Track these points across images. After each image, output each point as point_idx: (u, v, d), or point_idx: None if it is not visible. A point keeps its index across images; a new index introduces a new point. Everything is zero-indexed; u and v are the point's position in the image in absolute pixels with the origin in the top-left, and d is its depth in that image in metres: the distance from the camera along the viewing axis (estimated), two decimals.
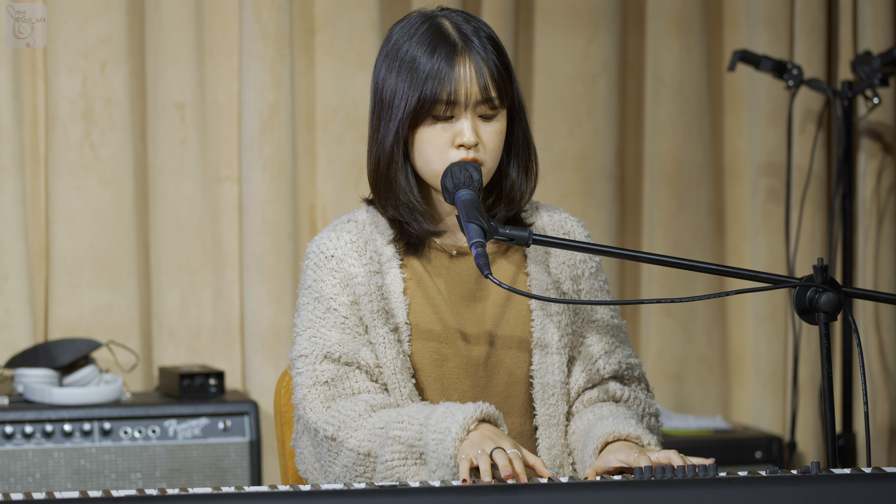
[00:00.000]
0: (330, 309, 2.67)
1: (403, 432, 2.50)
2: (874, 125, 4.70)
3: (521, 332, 2.70)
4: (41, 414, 3.94)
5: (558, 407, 2.69)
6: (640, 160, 4.75)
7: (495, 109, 2.63)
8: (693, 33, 4.68)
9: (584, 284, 2.76)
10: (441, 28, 2.63)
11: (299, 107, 4.39)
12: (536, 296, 2.62)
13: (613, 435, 2.57)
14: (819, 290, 2.51)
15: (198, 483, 3.98)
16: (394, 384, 2.63)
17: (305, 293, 2.70)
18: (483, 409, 2.47)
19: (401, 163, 2.64)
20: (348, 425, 2.58)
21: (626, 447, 2.54)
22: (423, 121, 2.61)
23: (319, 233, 2.74)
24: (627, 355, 2.78)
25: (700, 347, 4.74)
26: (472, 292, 2.70)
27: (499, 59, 2.63)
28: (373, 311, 2.65)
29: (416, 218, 2.67)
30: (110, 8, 4.23)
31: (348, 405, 2.61)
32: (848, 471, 2.32)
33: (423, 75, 2.60)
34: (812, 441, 4.71)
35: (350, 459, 2.56)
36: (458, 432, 2.43)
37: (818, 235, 4.72)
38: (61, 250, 4.25)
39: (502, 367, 2.69)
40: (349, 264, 2.67)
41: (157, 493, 2.15)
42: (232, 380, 4.37)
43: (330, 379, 2.64)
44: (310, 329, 2.68)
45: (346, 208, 4.37)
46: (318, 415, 2.62)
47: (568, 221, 2.80)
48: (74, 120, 4.24)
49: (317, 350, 2.65)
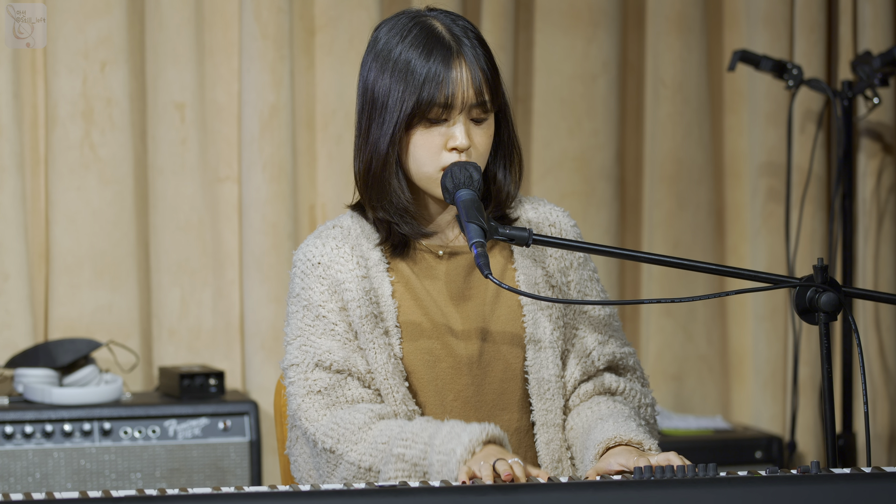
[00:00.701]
0: (319, 316, 2.66)
1: (408, 450, 2.50)
2: (874, 125, 4.70)
3: (512, 327, 2.70)
4: (41, 414, 3.94)
5: (554, 401, 2.69)
6: (640, 160, 4.75)
7: (487, 112, 2.63)
8: (693, 33, 4.68)
9: (572, 275, 2.76)
10: (433, 30, 2.63)
11: (299, 107, 4.39)
12: (534, 295, 2.62)
13: (615, 440, 2.57)
14: (819, 290, 2.51)
15: (198, 483, 3.98)
16: (386, 389, 2.63)
17: (294, 301, 2.69)
18: (488, 431, 2.47)
19: (395, 166, 2.64)
20: (348, 438, 2.57)
21: (626, 451, 2.54)
22: (417, 123, 2.62)
23: (305, 240, 2.73)
24: (621, 344, 2.79)
25: (700, 347, 4.74)
26: (460, 291, 2.70)
27: (488, 60, 2.63)
28: (361, 315, 2.64)
29: (407, 220, 2.67)
30: (110, 8, 4.23)
31: (347, 416, 2.60)
32: (848, 471, 2.32)
33: (421, 78, 2.60)
34: (812, 441, 4.71)
35: (350, 473, 2.56)
36: (463, 454, 2.43)
37: (818, 235, 4.72)
38: (61, 250, 4.24)
39: (496, 363, 2.69)
40: (336, 270, 2.67)
41: (157, 494, 2.15)
42: (232, 380, 4.37)
43: (323, 388, 2.63)
44: (300, 337, 2.67)
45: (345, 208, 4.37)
46: (315, 425, 2.61)
47: (553, 212, 2.79)
48: (74, 120, 4.24)
49: (308, 359, 2.65)
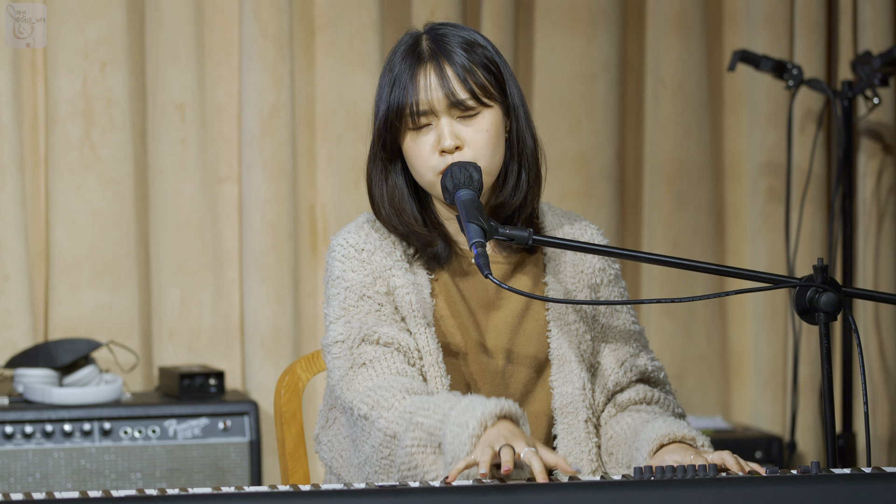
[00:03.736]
0: (364, 297, 2.66)
1: (427, 419, 2.49)
2: (874, 125, 4.70)
3: (537, 342, 2.71)
4: (41, 414, 3.94)
5: (577, 416, 2.69)
6: (640, 160, 4.75)
7: (471, 110, 2.62)
8: (693, 33, 4.68)
9: (602, 292, 2.77)
10: (416, 41, 2.66)
11: (299, 107, 4.39)
12: (534, 295, 2.62)
13: (668, 437, 2.58)
14: (819, 290, 2.51)
15: (198, 483, 3.98)
16: (434, 373, 2.63)
17: (335, 283, 2.69)
18: (503, 407, 2.45)
19: (379, 173, 2.67)
20: (381, 405, 2.56)
21: (681, 448, 2.55)
22: (402, 133, 2.62)
23: (344, 228, 2.73)
24: (651, 359, 2.80)
25: (700, 347, 4.74)
26: (491, 301, 2.70)
27: (470, 59, 2.62)
28: (411, 302, 2.64)
29: (418, 238, 2.68)
30: (110, 8, 4.23)
31: (385, 384, 2.59)
32: (848, 471, 2.32)
33: (389, 87, 2.63)
34: (812, 441, 4.71)
35: (378, 440, 2.56)
36: (476, 428, 2.42)
37: (818, 235, 4.72)
38: (61, 250, 4.25)
39: (518, 376, 2.70)
40: (381, 257, 2.67)
41: (157, 493, 2.15)
42: (232, 380, 4.37)
43: (369, 360, 2.62)
44: (344, 316, 2.66)
45: (346, 208, 4.37)
46: (354, 394, 2.60)
47: (587, 230, 2.80)
48: (74, 120, 4.24)
49: (353, 334, 2.64)
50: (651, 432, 2.60)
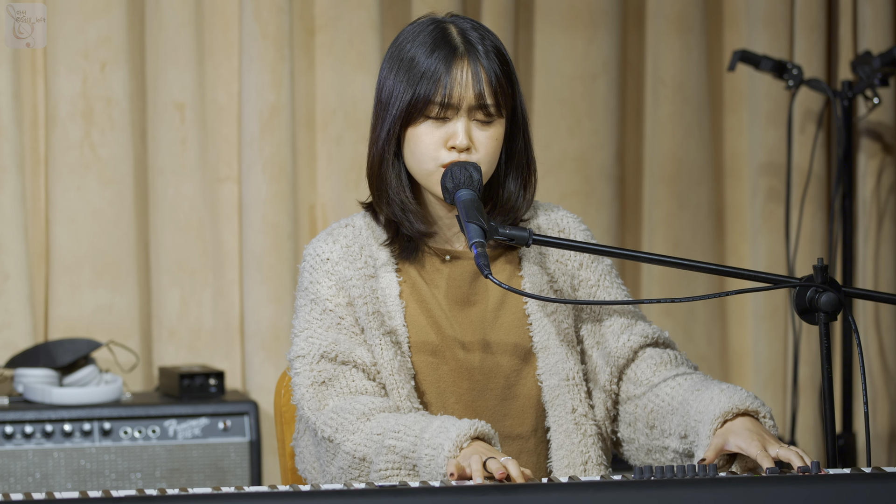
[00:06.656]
0: (326, 310, 2.68)
1: (399, 443, 2.51)
2: (874, 125, 4.70)
3: (517, 334, 2.70)
4: (41, 414, 3.94)
5: (567, 405, 2.69)
6: (640, 160, 4.75)
7: (491, 117, 2.63)
8: (693, 33, 4.68)
9: (584, 274, 2.75)
10: (446, 31, 2.64)
11: (299, 107, 4.39)
12: (535, 295, 2.62)
13: (732, 412, 2.54)
14: (819, 290, 2.51)
15: (198, 483, 3.98)
16: (392, 385, 2.64)
17: (302, 295, 2.72)
18: (477, 427, 2.47)
19: (392, 160, 2.65)
20: (346, 428, 2.59)
21: (746, 432, 2.50)
22: (416, 120, 2.62)
23: (316, 236, 2.75)
24: (650, 324, 2.78)
25: (700, 347, 4.74)
26: (466, 297, 2.70)
27: (501, 68, 2.63)
28: (368, 312, 2.65)
29: (409, 217, 2.67)
30: (110, 8, 4.23)
31: (347, 406, 2.61)
32: (848, 471, 2.32)
33: (419, 75, 2.61)
34: (812, 441, 4.71)
35: (346, 462, 2.57)
36: (451, 449, 2.43)
37: (818, 235, 4.72)
38: (61, 250, 4.24)
39: (498, 370, 2.69)
40: (344, 267, 2.69)
41: (157, 493, 2.15)
42: (232, 380, 4.37)
43: (328, 378, 2.65)
44: (307, 330, 2.69)
45: (345, 208, 4.37)
46: (317, 414, 2.63)
47: (564, 219, 2.79)
48: (74, 120, 4.24)
49: (314, 350, 2.66)
50: (711, 405, 2.56)
